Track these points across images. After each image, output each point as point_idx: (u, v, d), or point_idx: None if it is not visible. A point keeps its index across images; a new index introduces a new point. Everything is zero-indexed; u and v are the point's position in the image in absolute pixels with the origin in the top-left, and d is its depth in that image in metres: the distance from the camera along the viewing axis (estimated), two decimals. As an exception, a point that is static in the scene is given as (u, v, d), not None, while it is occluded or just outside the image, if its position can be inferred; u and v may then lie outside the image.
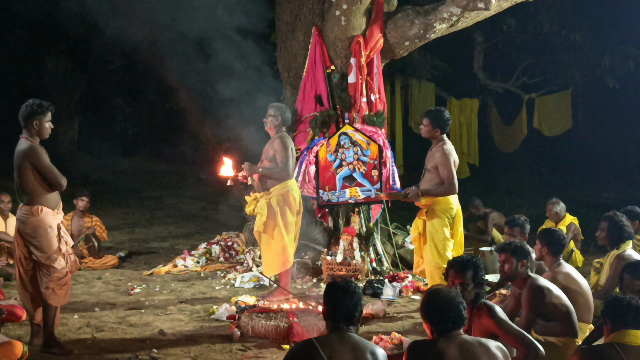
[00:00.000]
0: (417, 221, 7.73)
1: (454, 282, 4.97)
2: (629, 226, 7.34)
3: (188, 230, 13.49)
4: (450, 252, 7.42)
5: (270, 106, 8.33)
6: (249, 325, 6.79)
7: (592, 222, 8.87)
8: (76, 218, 10.40)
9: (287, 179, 8.11)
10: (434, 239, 7.43)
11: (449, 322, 4.19)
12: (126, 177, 19.48)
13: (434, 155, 7.48)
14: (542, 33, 18.23)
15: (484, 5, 9.02)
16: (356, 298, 4.22)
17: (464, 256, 5.14)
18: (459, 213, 7.59)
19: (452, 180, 7.37)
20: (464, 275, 4.95)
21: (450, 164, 7.38)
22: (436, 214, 7.45)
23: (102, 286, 9.03)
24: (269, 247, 8.15)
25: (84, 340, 6.68)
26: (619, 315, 4.62)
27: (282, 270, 8.19)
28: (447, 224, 7.45)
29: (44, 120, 6.28)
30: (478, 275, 4.99)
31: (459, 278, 4.96)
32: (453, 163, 7.42)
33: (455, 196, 7.54)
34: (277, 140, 8.13)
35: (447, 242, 7.42)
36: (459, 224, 7.61)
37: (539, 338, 5.63)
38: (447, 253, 7.37)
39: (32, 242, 6.24)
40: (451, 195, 7.46)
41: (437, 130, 7.52)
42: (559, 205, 10.19)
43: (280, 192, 8.06)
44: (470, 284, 4.94)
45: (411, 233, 8.03)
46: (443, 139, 7.53)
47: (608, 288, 7.03)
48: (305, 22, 9.99)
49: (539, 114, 20.18)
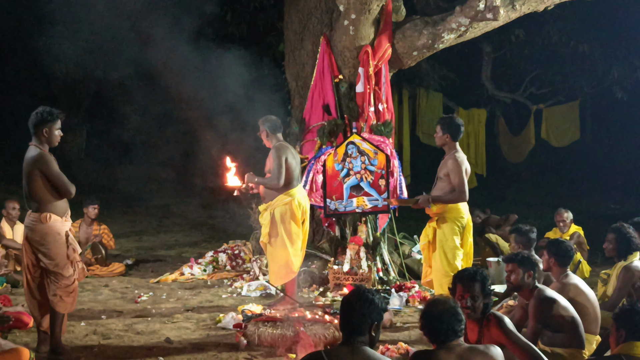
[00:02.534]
0: (428, 229, 7.70)
1: (463, 296, 4.95)
2: (636, 237, 7.32)
3: (195, 238, 13.51)
4: (460, 262, 7.41)
5: (259, 121, 8.36)
6: (256, 334, 6.77)
7: (600, 233, 8.85)
8: (84, 225, 10.43)
9: (282, 188, 8.05)
10: (443, 247, 7.42)
11: (441, 335, 4.19)
12: (134, 185, 19.48)
13: (446, 162, 7.47)
14: (550, 44, 18.23)
15: (492, 15, 9.02)
16: (368, 307, 4.11)
17: (469, 269, 5.12)
18: (470, 223, 7.58)
19: (463, 188, 7.36)
20: (473, 288, 4.94)
21: (461, 171, 7.37)
22: (447, 222, 7.44)
23: (109, 294, 9.04)
24: (273, 257, 8.17)
25: (90, 347, 6.68)
26: (634, 325, 4.57)
27: (286, 280, 8.19)
28: (458, 233, 7.44)
29: (54, 128, 6.30)
30: (486, 287, 4.97)
31: (468, 292, 4.94)
32: (465, 171, 7.41)
33: (466, 205, 7.54)
34: (271, 150, 8.16)
35: (457, 251, 7.41)
36: (469, 233, 7.59)
37: (546, 349, 5.61)
38: (456, 262, 7.36)
39: (40, 250, 6.26)
40: (462, 204, 7.45)
41: (448, 135, 7.50)
42: (569, 214, 10.28)
43: (283, 202, 8.05)
44: (479, 297, 4.93)
45: (421, 241, 7.99)
46: (455, 147, 7.51)
47: (615, 299, 7.01)
48: (314, 31, 10.02)
49: (546, 125, 20.16)
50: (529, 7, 9.43)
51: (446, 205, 7.44)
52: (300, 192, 8.26)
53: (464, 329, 4.35)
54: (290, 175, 8.09)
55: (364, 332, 4.10)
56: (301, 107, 10.13)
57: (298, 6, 10.18)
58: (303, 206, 8.22)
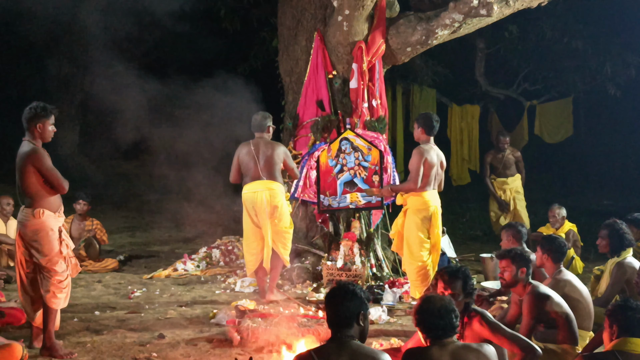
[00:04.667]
0: (398, 219, 8.16)
1: (444, 292, 4.95)
2: (629, 234, 7.34)
3: (188, 234, 13.48)
4: (425, 252, 7.84)
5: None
6: (249, 330, 6.78)
7: (593, 230, 8.87)
8: (77, 221, 10.41)
9: (241, 183, 8.41)
10: (407, 238, 7.88)
11: (439, 330, 4.20)
12: (127, 181, 19.43)
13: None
14: (544, 40, 18.21)
15: (485, 11, 9.02)
16: (350, 299, 4.11)
17: (452, 266, 5.14)
18: (437, 212, 7.91)
19: (413, 175, 7.80)
20: (454, 285, 4.94)
21: (417, 160, 7.80)
22: (410, 214, 7.88)
23: (102, 289, 9.03)
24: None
25: (83, 343, 6.68)
26: (628, 321, 4.57)
27: (249, 275, 8.63)
28: (422, 224, 7.81)
29: (48, 123, 6.29)
30: (467, 285, 4.98)
31: (449, 289, 4.94)
32: (424, 161, 7.79)
33: (433, 196, 7.89)
34: None
35: (420, 242, 7.82)
36: (436, 223, 7.93)
37: (539, 345, 5.62)
38: (421, 252, 7.80)
39: (33, 245, 6.25)
40: (427, 194, 7.83)
41: (422, 129, 7.96)
42: (563, 210, 10.30)
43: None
44: (461, 294, 4.93)
45: (392, 230, 8.42)
46: (427, 141, 7.96)
47: (608, 295, 7.05)
48: (308, 27, 10.00)
49: (540, 121, 20.16)
50: (522, 3, 9.43)
51: (409, 196, 7.88)
52: (250, 187, 8.30)
53: (459, 325, 4.36)
54: (242, 170, 8.39)
55: (351, 324, 4.10)
56: (295, 103, 10.12)
57: (292, 2, 10.16)
58: (253, 201, 8.25)
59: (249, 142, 8.43)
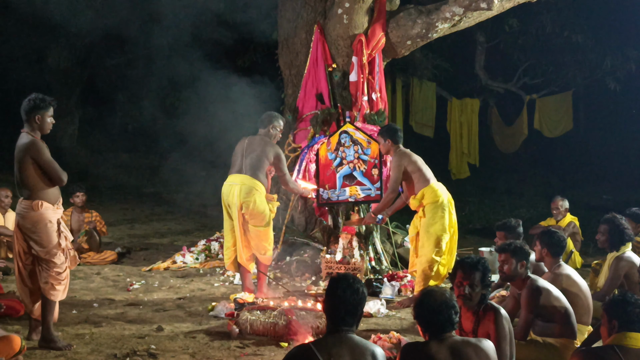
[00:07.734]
0: (415, 220, 8.12)
1: (462, 283, 4.94)
2: (628, 228, 7.35)
3: (187, 226, 13.48)
4: (444, 245, 7.86)
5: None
6: (248, 323, 6.77)
7: (592, 224, 8.88)
8: (76, 213, 10.40)
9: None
10: (429, 230, 7.83)
11: (439, 325, 4.20)
12: (126, 173, 19.43)
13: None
14: (544, 34, 18.22)
15: (486, 5, 9.01)
16: (360, 296, 4.14)
17: (472, 257, 5.11)
18: (450, 201, 7.98)
19: (392, 184, 8.03)
20: (473, 277, 4.92)
21: (396, 167, 7.96)
22: (429, 208, 7.85)
23: (101, 282, 9.02)
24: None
25: (82, 335, 6.67)
26: (627, 315, 4.56)
27: (226, 267, 8.54)
28: (443, 214, 7.84)
29: (46, 115, 6.26)
30: (486, 277, 4.96)
31: (467, 280, 4.93)
32: (406, 165, 7.94)
33: (440, 185, 7.98)
34: None
35: (444, 234, 7.83)
36: (452, 211, 8.00)
37: (538, 339, 5.64)
38: (442, 244, 7.82)
39: (32, 237, 6.23)
40: (434, 184, 7.90)
41: (389, 141, 8.11)
42: (566, 202, 10.33)
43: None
44: (478, 286, 4.92)
45: (410, 233, 8.38)
46: (396, 150, 8.08)
47: (607, 290, 7.04)
48: (308, 20, 9.98)
49: (539, 115, 20.17)
50: (523, -4, 9.44)
51: (418, 192, 7.90)
52: (229, 179, 8.15)
53: (459, 321, 4.36)
54: (231, 161, 8.28)
55: (351, 319, 4.13)
56: (294, 96, 10.11)
57: (292, -6, 10.15)
58: (227, 193, 8.10)
59: (249, 136, 8.40)
